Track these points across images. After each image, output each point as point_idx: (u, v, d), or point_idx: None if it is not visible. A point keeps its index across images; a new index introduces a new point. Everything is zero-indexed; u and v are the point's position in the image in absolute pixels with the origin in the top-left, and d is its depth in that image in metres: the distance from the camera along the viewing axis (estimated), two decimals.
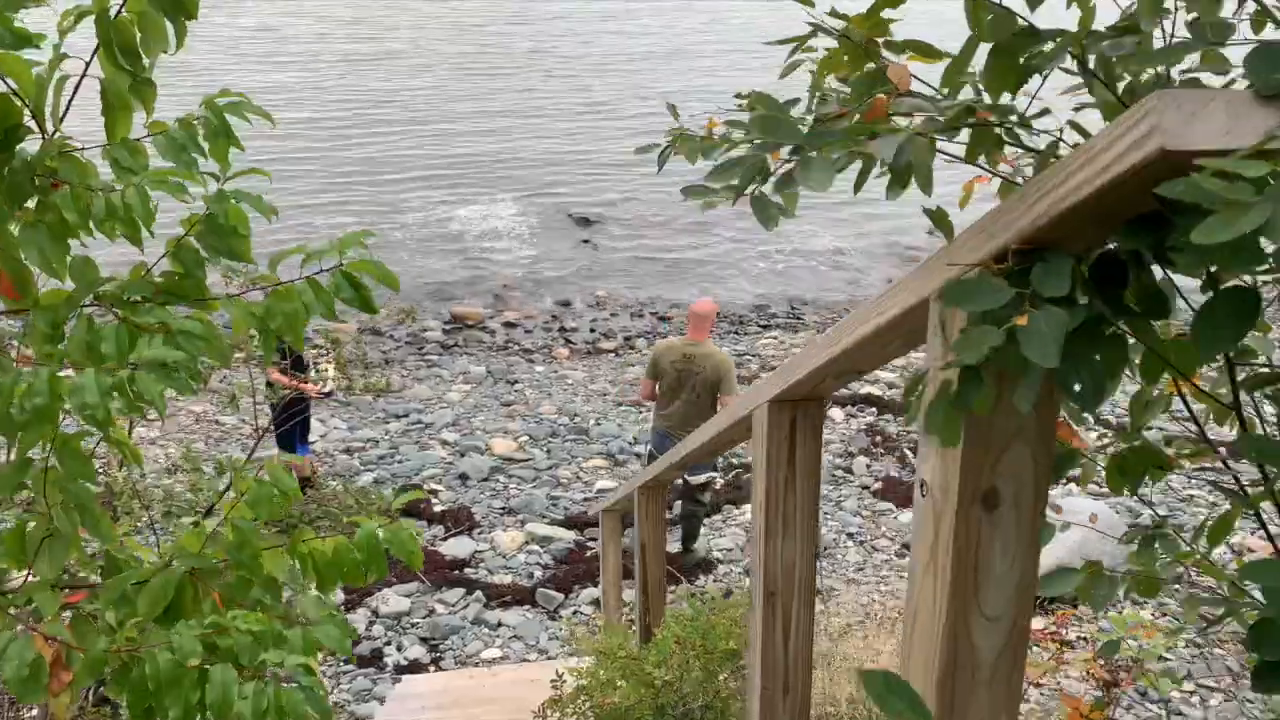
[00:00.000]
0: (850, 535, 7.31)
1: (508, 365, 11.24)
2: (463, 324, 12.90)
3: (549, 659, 5.83)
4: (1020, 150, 1.10)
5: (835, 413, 9.69)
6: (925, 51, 1.14)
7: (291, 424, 6.97)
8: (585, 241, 16.12)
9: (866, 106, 1.05)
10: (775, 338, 12.25)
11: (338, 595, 6.48)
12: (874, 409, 9.83)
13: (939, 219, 0.90)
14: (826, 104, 1.57)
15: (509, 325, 12.97)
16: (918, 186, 0.94)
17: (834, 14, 1.23)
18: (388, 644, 6.02)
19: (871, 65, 1.17)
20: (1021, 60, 0.95)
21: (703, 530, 7.30)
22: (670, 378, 6.32)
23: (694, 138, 1.66)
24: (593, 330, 12.73)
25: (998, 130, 0.99)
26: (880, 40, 1.17)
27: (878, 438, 9.14)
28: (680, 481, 6.51)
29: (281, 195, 17.33)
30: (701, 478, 6.58)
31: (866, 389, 10.36)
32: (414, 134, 22.65)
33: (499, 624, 6.26)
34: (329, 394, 7.68)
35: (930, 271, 1.04)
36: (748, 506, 7.72)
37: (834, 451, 8.90)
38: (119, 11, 1.37)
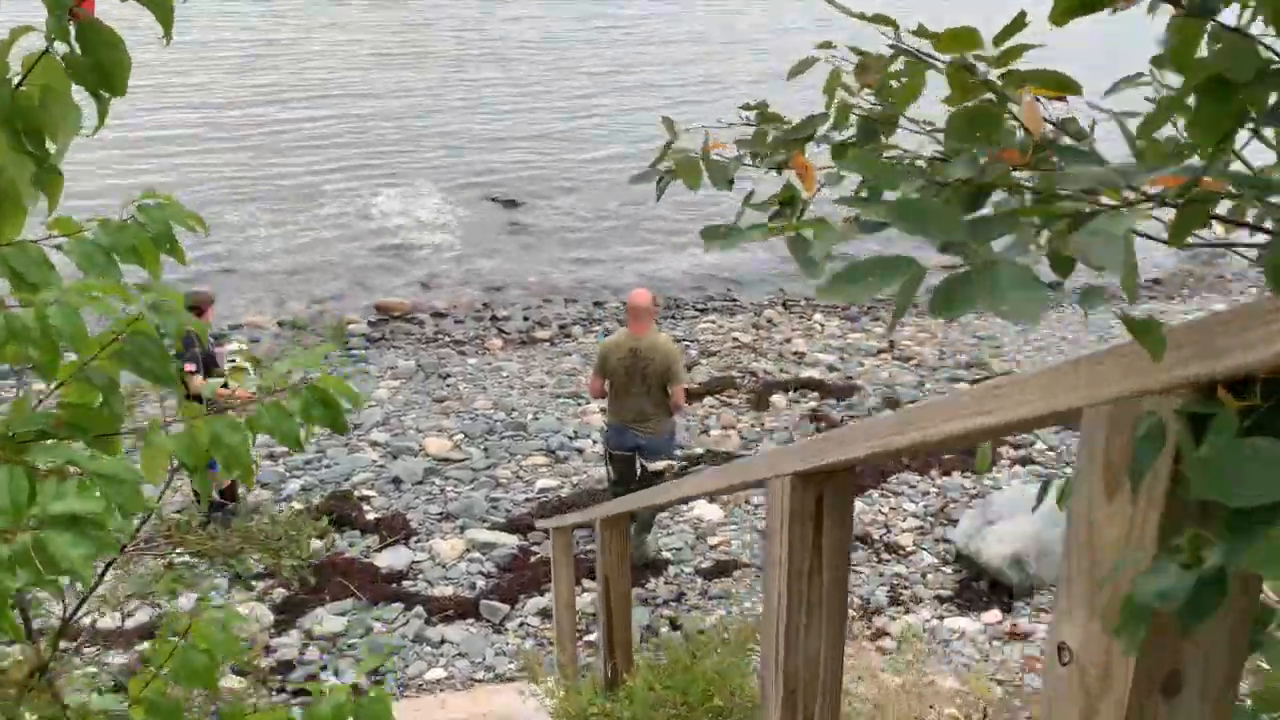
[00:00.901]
0: None
1: (438, 358, 10.81)
2: (389, 316, 12.39)
3: (497, 678, 5.54)
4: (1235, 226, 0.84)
5: (777, 399, 9.54)
6: (1061, 85, 0.87)
7: None
8: (513, 224, 15.67)
9: (990, 164, 0.78)
10: (713, 321, 12.04)
11: (267, 616, 6.07)
12: (816, 394, 9.70)
13: (1144, 331, 0.63)
14: (845, 114, 1.30)
15: (438, 315, 12.50)
16: (1121, 289, 0.67)
17: (922, 32, 0.96)
18: (323, 668, 5.65)
19: (989, 98, 0.91)
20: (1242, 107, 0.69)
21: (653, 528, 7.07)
22: (619, 375, 6.21)
23: (691, 158, 1.38)
24: (526, 319, 12.35)
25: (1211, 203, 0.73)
26: (994, 70, 0.91)
27: (822, 423, 9.01)
28: (638, 467, 6.45)
29: (184, 184, 16.48)
30: (659, 464, 6.47)
31: (808, 373, 10.23)
32: (329, 120, 21.78)
33: (442, 641, 5.93)
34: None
35: (1080, 376, 0.78)
36: (698, 503, 7.51)
37: (777, 439, 8.74)
38: (20, 84, 1.04)
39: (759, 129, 1.32)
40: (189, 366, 6.47)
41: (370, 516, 7.38)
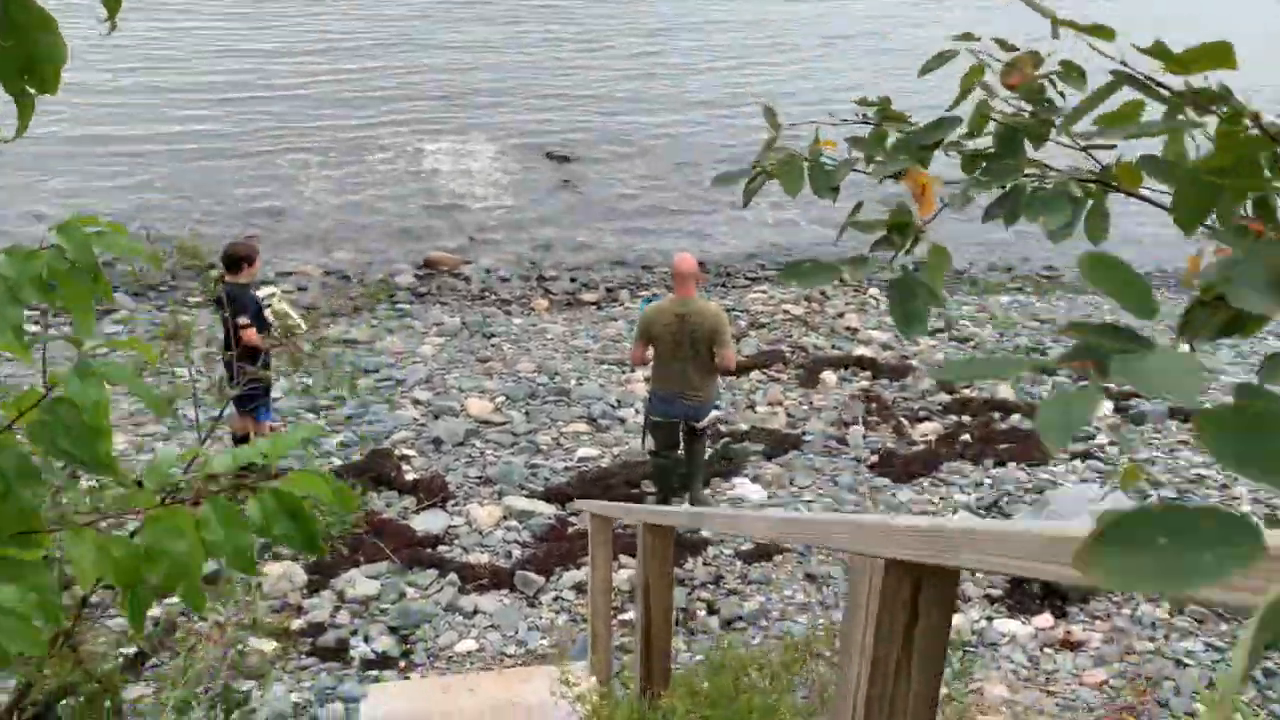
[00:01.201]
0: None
1: (484, 317, 10.68)
2: (436, 270, 12.28)
3: (529, 654, 5.43)
4: None
5: (827, 376, 9.26)
6: None
7: (253, 384, 6.39)
8: (565, 182, 15.43)
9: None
10: (764, 292, 11.74)
11: (300, 575, 6.01)
12: (868, 373, 9.41)
13: None
14: (984, 121, 1.06)
15: (485, 272, 12.36)
16: None
17: (1157, 52, 0.72)
18: (354, 634, 5.58)
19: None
20: None
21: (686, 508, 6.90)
22: (666, 341, 6.17)
23: (793, 160, 1.15)
24: (573, 280, 12.16)
25: None
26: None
27: (873, 404, 8.73)
28: (680, 434, 6.51)
29: (238, 133, 16.44)
30: (709, 419, 6.49)
31: (860, 350, 9.92)
32: (383, 68, 21.62)
33: (475, 611, 5.83)
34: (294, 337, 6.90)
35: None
36: (738, 480, 7.32)
37: (825, 419, 8.48)
38: None
39: (877, 130, 1.09)
40: (242, 319, 6.37)
41: (409, 477, 7.29)
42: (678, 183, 15.68)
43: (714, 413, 6.73)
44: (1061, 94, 1.01)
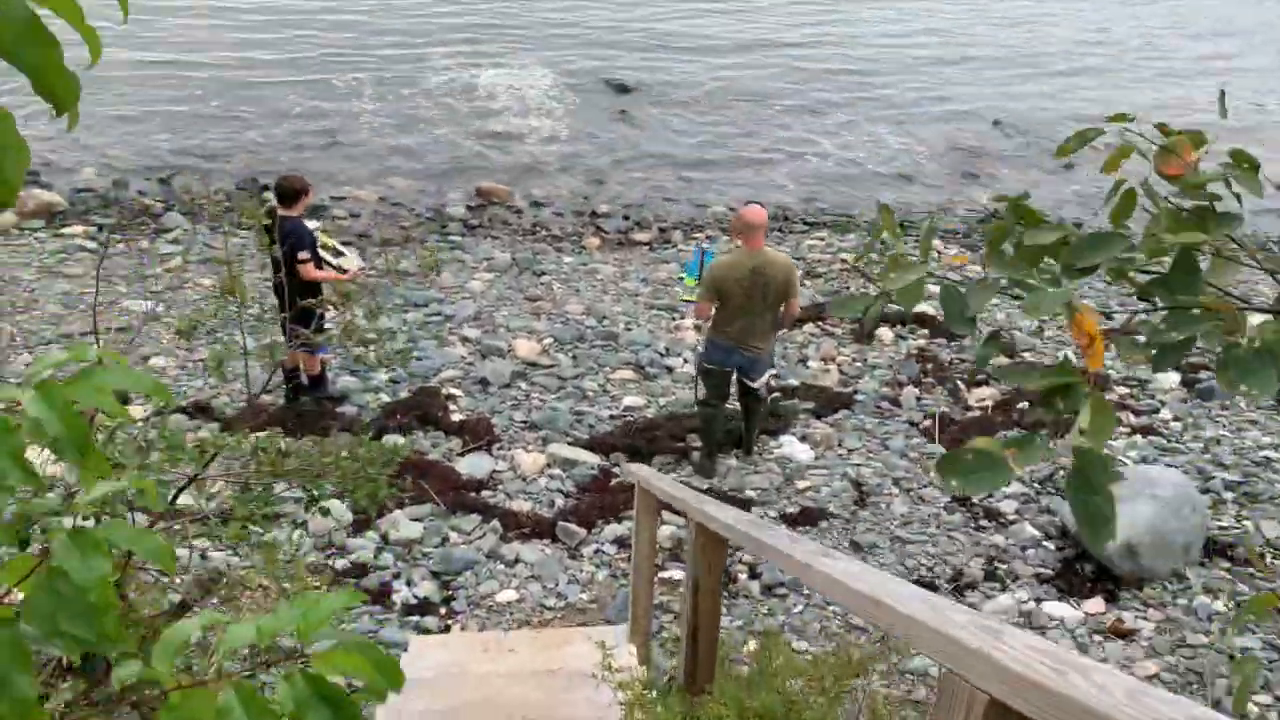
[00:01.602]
0: (896, 482, 6.79)
1: (534, 253, 10.54)
2: (488, 201, 12.13)
3: (568, 607, 5.43)
4: None
5: (883, 332, 9.03)
6: None
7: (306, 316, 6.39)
8: (622, 113, 15.07)
9: None
10: (822, 238, 11.44)
11: (346, 515, 6.05)
12: (926, 330, 9.15)
13: None
14: (1158, 248, 0.90)
15: (537, 205, 12.19)
16: None
17: None
18: (397, 576, 5.62)
19: None
20: None
21: (734, 463, 6.82)
22: (738, 296, 6.13)
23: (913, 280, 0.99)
24: (626, 218, 11.94)
25: None
26: None
27: (928, 365, 8.50)
28: (735, 384, 6.54)
29: (292, 59, 16.24)
30: (761, 380, 6.50)
31: (921, 306, 9.65)
32: None
33: (516, 560, 5.83)
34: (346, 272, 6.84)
35: None
36: (785, 439, 7.19)
37: (879, 378, 8.29)
38: None
39: (999, 223, 0.92)
40: (302, 254, 6.37)
41: (455, 418, 7.28)
42: (736, 123, 15.25)
43: (769, 372, 6.64)
44: (1230, 187, 0.84)
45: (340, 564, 5.65)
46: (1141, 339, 0.84)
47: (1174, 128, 0.87)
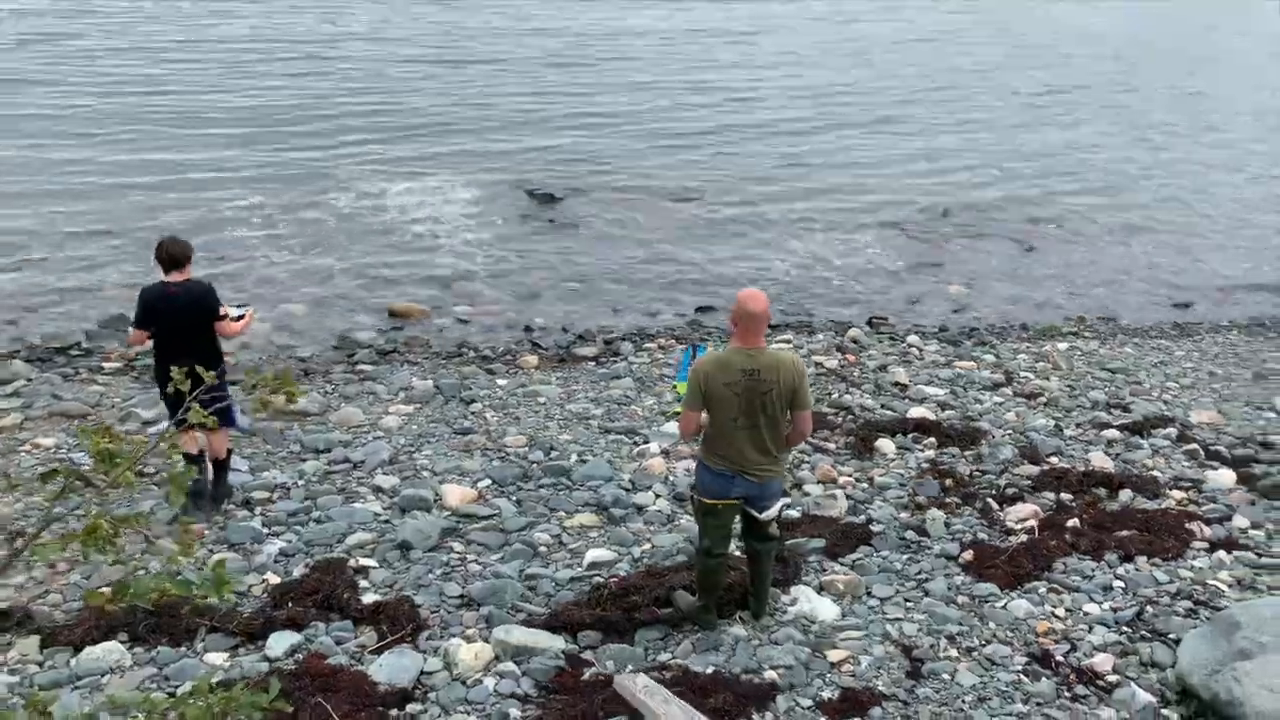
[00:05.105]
0: (951, 640, 5.22)
1: (461, 378, 8.93)
2: (404, 323, 10.54)
3: None
4: None
5: (883, 444, 7.60)
6: None
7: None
8: (550, 222, 13.80)
9: None
10: (788, 341, 10.12)
11: None
12: (931, 439, 7.76)
13: None
14: None
15: (461, 323, 10.64)
16: None
17: None
18: None
19: None
20: None
21: (741, 632, 5.18)
22: (730, 404, 4.73)
23: None
24: (565, 330, 10.47)
25: None
26: None
27: (947, 480, 7.06)
28: (739, 520, 5.09)
29: (175, 162, 14.76)
30: (771, 511, 5.01)
31: (916, 411, 8.28)
32: (346, 91, 20.06)
33: None
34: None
35: None
36: (799, 590, 5.59)
37: (893, 501, 6.80)
38: None
39: None
40: (223, 309, 6.21)
41: (367, 599, 5.50)
42: (677, 215, 14.13)
43: (782, 501, 5.11)
44: None
45: None
46: None
47: None
